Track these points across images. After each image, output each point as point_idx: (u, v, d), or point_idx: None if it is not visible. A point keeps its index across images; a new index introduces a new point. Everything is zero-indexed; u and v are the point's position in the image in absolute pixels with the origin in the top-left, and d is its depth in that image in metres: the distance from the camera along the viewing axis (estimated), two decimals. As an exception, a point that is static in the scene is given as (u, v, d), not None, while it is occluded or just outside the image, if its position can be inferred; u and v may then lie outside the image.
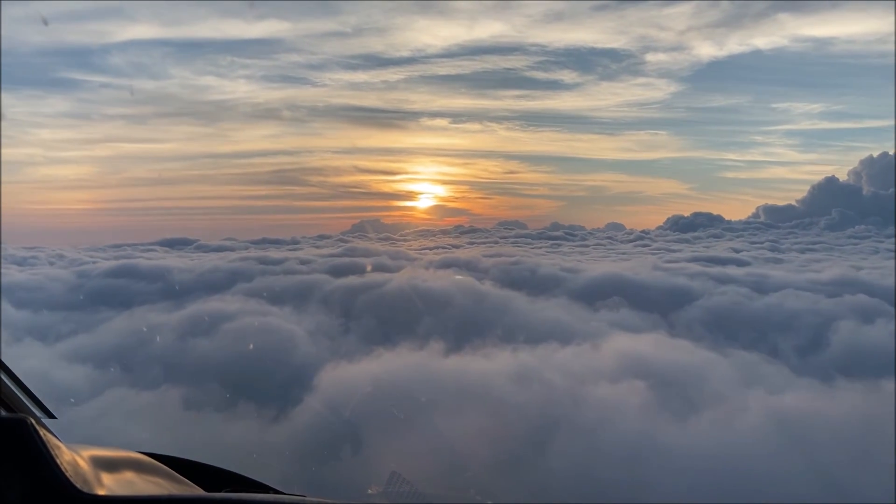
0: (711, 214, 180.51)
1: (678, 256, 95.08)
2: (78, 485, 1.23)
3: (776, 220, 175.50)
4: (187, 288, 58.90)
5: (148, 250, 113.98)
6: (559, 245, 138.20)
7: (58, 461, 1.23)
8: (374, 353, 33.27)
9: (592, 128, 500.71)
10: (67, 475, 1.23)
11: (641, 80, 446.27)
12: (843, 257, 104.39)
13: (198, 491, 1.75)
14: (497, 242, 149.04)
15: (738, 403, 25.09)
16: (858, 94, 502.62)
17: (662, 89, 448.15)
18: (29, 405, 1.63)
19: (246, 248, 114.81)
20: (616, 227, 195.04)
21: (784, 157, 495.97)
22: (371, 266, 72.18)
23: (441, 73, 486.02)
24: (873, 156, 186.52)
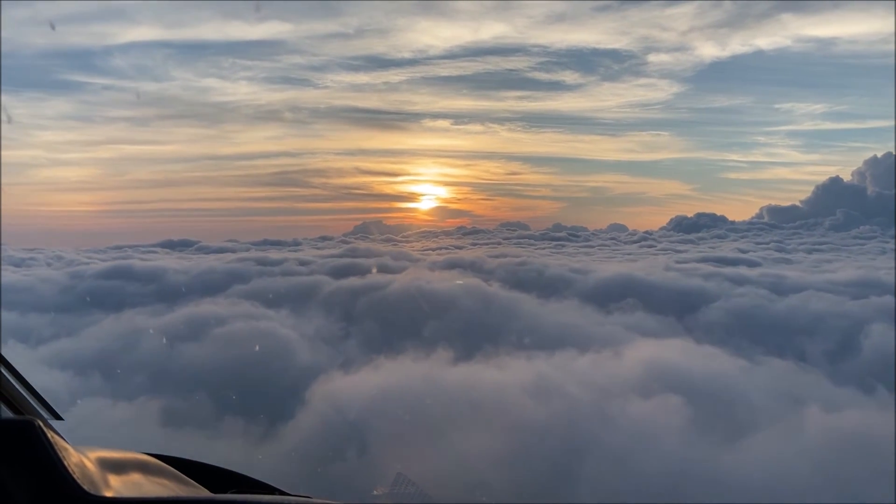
0: (715, 215, 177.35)
1: (687, 257, 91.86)
2: (85, 486, 1.23)
3: (780, 221, 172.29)
4: (181, 290, 55.76)
5: (149, 252, 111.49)
6: (563, 246, 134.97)
7: (65, 463, 1.23)
8: (376, 362, 30.01)
9: (594, 129, 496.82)
10: (75, 477, 1.22)
11: (644, 81, 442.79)
12: (852, 258, 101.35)
13: (204, 492, 1.73)
14: (500, 243, 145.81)
15: (786, 420, 21.83)
16: (861, 95, 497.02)
17: (665, 90, 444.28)
18: (36, 407, 1.64)
19: (247, 250, 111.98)
20: (619, 228, 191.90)
21: (786, 158, 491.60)
22: (373, 267, 69.01)
23: (443, 75, 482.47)
24: (877, 156, 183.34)
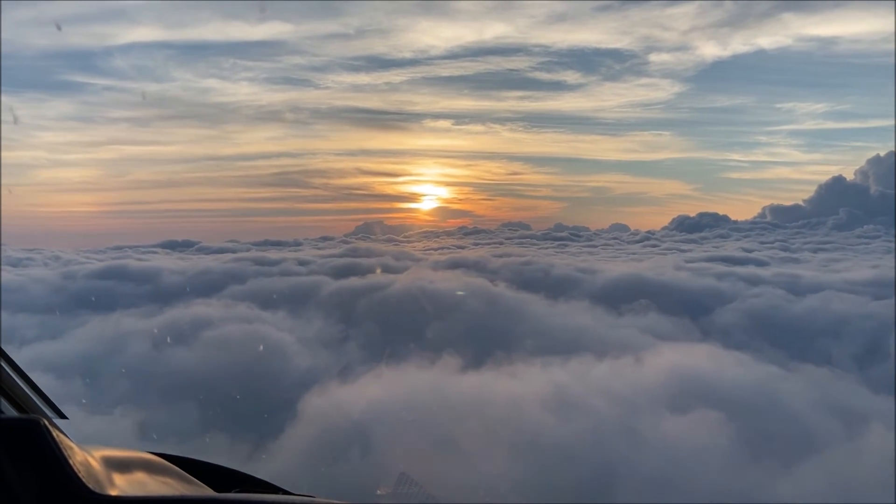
0: (717, 214, 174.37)
1: (694, 257, 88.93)
2: (90, 485, 1.21)
3: (783, 221, 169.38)
4: (175, 291, 52.92)
5: (148, 252, 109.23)
6: (565, 246, 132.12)
7: (70, 462, 1.21)
8: (378, 370, 27.19)
9: (596, 129, 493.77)
10: (80, 476, 1.21)
11: (645, 81, 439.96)
12: (859, 257, 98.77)
13: (208, 491, 1.70)
14: (502, 243, 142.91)
15: (842, 438, 18.99)
16: (863, 94, 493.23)
17: (666, 90, 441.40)
18: (41, 406, 1.61)
19: (248, 250, 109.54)
20: (620, 228, 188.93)
21: (788, 158, 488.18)
22: (374, 267, 66.18)
23: (444, 75, 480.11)
24: (880, 155, 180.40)
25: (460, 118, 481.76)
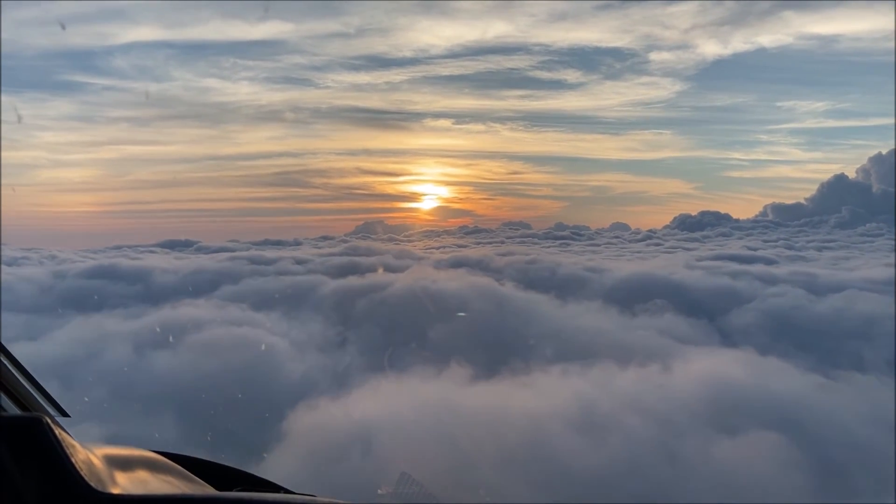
0: (719, 213, 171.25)
1: (701, 255, 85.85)
2: (93, 483, 1.21)
3: (784, 219, 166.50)
4: (165, 290, 49.84)
5: (147, 252, 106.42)
6: (568, 244, 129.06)
7: (73, 460, 1.21)
8: (378, 379, 24.10)
9: (596, 128, 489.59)
10: (82, 474, 1.20)
11: (645, 80, 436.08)
12: (865, 255, 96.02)
13: (210, 490, 1.67)
14: (503, 242, 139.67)
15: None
16: (864, 92, 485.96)
17: (667, 88, 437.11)
18: (43, 404, 1.58)
19: (247, 250, 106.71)
20: (621, 227, 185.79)
21: (789, 156, 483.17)
22: (374, 265, 63.09)
23: (444, 74, 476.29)
24: (882, 153, 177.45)
25: (461, 117, 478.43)
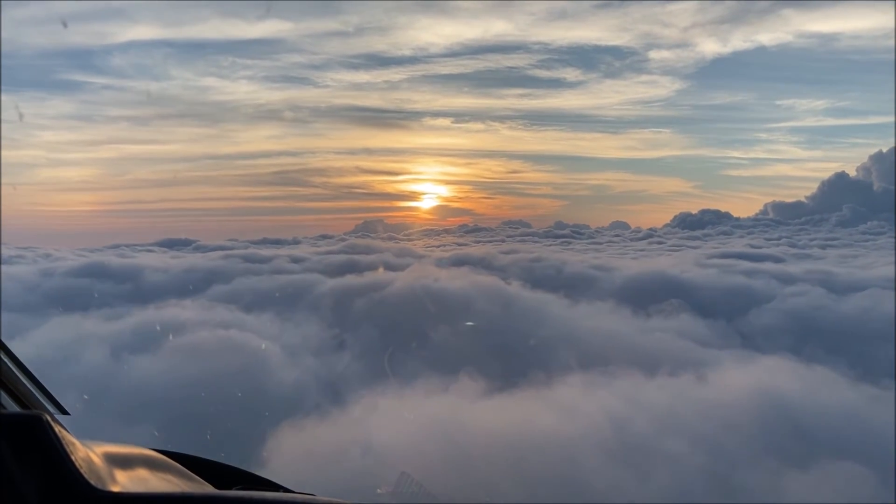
0: (719, 212, 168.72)
1: (707, 253, 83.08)
2: (92, 481, 1.19)
3: (785, 217, 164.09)
4: (154, 290, 46.94)
5: (145, 250, 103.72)
6: (569, 243, 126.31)
7: (72, 458, 1.19)
8: (377, 388, 21.18)
9: (596, 126, 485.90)
10: (82, 471, 1.18)
11: (645, 78, 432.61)
12: (869, 253, 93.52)
13: (209, 488, 1.65)
14: (504, 241, 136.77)
15: None
16: (864, 91, 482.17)
17: (666, 87, 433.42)
18: (43, 401, 1.58)
19: (245, 248, 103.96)
20: (621, 226, 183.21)
21: (788, 155, 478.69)
22: (374, 263, 60.20)
23: (443, 73, 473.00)
24: (882, 151, 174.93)
25: (460, 116, 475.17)
